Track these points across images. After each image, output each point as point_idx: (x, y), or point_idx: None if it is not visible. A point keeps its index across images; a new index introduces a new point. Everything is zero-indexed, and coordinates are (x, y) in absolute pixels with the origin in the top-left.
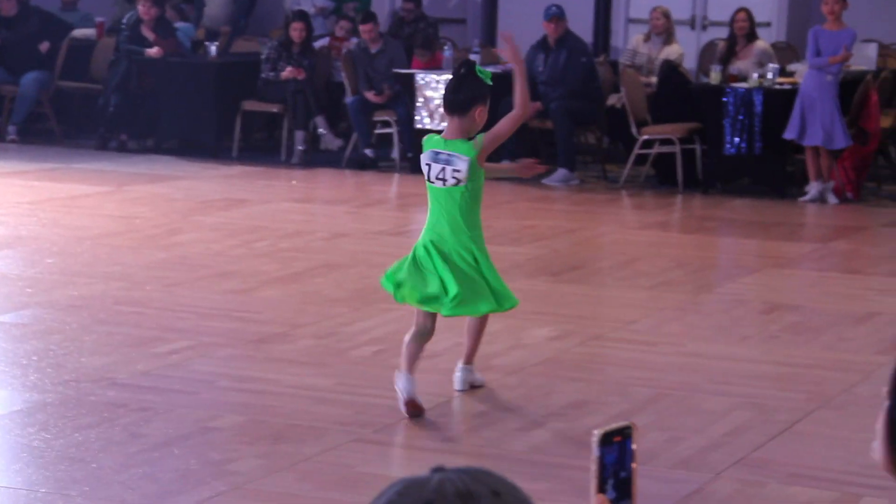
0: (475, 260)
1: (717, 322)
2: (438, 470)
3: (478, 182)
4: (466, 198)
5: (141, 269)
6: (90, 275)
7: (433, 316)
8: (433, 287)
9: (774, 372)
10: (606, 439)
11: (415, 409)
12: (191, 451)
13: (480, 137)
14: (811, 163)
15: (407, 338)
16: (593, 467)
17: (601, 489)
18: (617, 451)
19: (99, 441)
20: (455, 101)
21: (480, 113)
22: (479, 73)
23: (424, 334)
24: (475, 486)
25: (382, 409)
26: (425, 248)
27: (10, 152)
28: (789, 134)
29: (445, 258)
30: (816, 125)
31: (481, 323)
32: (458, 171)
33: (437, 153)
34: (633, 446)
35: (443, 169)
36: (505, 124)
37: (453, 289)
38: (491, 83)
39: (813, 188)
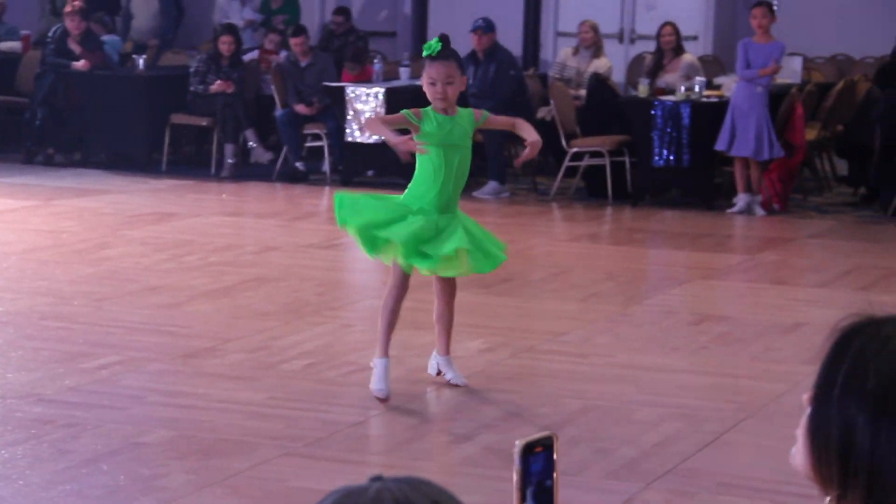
0: None
1: (647, 333)
2: (377, 479)
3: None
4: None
5: (68, 284)
6: (16, 290)
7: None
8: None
9: (704, 382)
10: (528, 450)
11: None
12: (119, 467)
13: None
14: (740, 174)
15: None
16: (515, 478)
17: (523, 500)
18: (539, 462)
19: (26, 458)
20: None
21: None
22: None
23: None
24: (414, 495)
25: (313, 423)
26: None
27: None
28: (720, 145)
29: None
30: (747, 136)
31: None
32: None
33: None
34: (555, 457)
35: None
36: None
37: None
38: (425, 55)
39: (741, 200)
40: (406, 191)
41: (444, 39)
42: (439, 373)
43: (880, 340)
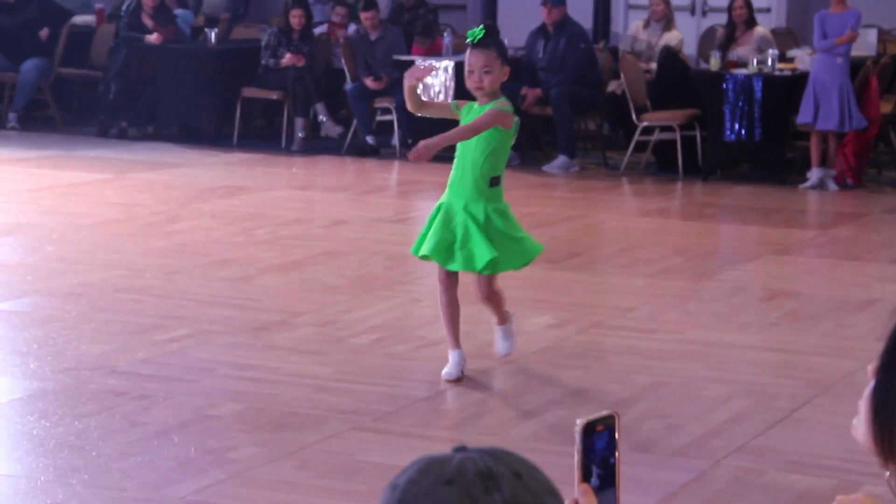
0: None
1: (716, 309)
2: (460, 449)
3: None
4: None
5: (141, 256)
6: (90, 262)
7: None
8: None
9: (774, 359)
10: (589, 428)
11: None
12: (190, 439)
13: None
14: (815, 148)
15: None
16: (577, 456)
17: (585, 478)
18: (602, 440)
19: (98, 429)
20: None
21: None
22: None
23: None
24: (496, 466)
25: (381, 398)
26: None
27: (11, 140)
28: (804, 118)
29: None
30: (831, 109)
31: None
32: None
33: None
34: (617, 436)
35: None
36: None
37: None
38: (468, 40)
39: (814, 174)
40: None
41: (488, 28)
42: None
43: None
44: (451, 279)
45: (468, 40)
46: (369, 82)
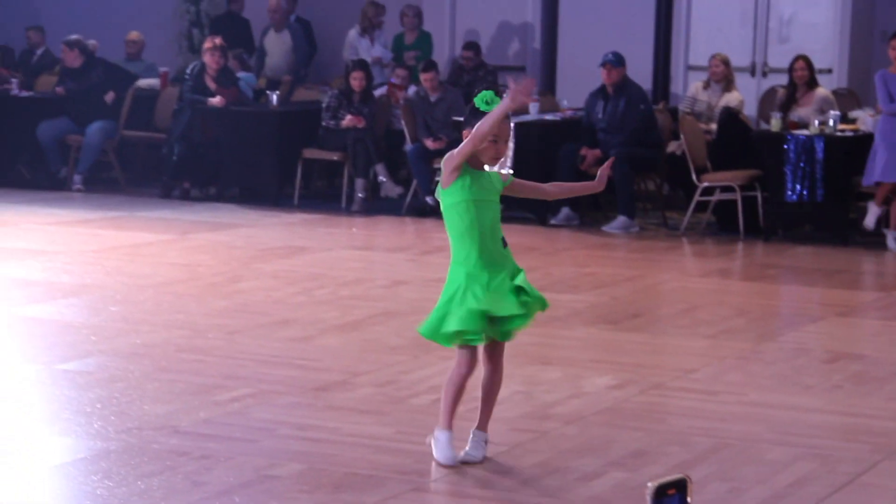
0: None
1: (779, 371)
2: None
3: (446, 203)
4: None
5: (203, 316)
6: (153, 322)
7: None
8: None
9: (838, 422)
10: (661, 492)
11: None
12: (251, 499)
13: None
14: (881, 193)
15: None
16: None
17: None
18: (675, 501)
19: (161, 489)
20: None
21: (466, 135)
22: (475, 100)
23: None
24: None
25: None
26: None
27: (76, 201)
28: (868, 179)
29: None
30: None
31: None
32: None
33: None
34: (689, 500)
35: None
36: (454, 159)
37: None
38: (485, 109)
39: (872, 211)
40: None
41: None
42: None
43: None
44: (475, 358)
45: (493, 108)
46: (429, 143)
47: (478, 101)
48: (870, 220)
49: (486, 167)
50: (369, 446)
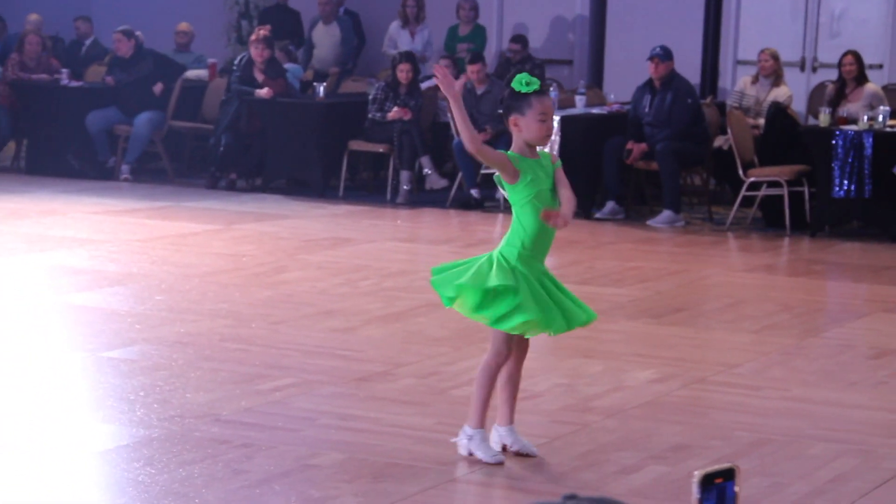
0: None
1: (823, 367)
2: (571, 497)
3: (512, 197)
4: (513, 213)
5: (247, 306)
6: (197, 312)
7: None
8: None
9: (882, 418)
10: (707, 481)
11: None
12: (291, 488)
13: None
14: None
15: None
16: None
17: None
18: (717, 494)
19: (202, 477)
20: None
21: (514, 122)
22: (512, 84)
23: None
24: None
25: None
26: None
27: (124, 191)
28: None
29: None
30: None
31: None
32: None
33: None
34: (736, 489)
35: None
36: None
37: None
38: (526, 90)
39: None
40: (517, 249)
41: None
42: (504, 448)
43: None
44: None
45: (532, 88)
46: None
47: (516, 84)
48: None
49: (538, 148)
50: (410, 437)
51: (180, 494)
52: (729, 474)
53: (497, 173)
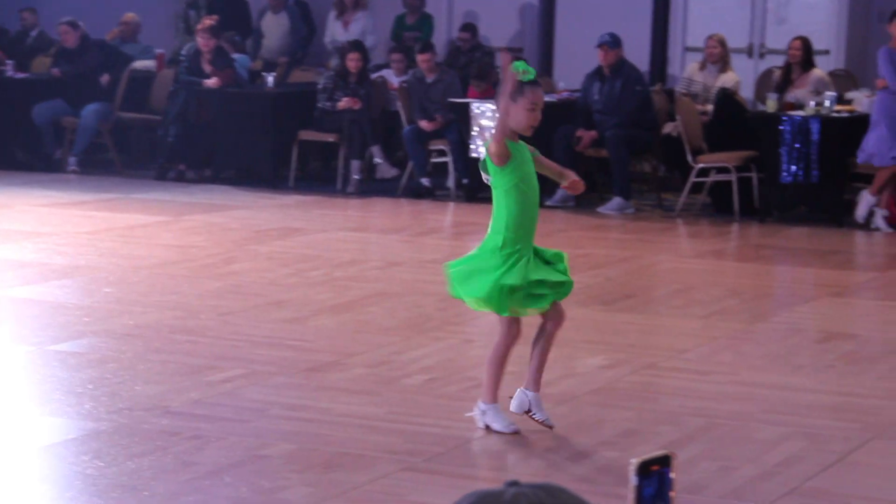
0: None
1: (771, 351)
2: (514, 484)
3: (497, 181)
4: (495, 197)
5: (196, 297)
6: (146, 304)
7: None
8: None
9: (829, 401)
10: (644, 468)
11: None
12: (242, 480)
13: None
14: (881, 179)
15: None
16: (630, 496)
17: None
18: (656, 481)
19: (151, 469)
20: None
21: (503, 108)
22: (513, 68)
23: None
24: (549, 500)
25: (433, 438)
26: None
27: (71, 183)
28: (862, 158)
29: None
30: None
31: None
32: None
33: None
34: (672, 475)
35: None
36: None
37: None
38: (522, 79)
39: (866, 200)
40: (503, 233)
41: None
42: (528, 411)
43: None
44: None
45: (529, 77)
46: (424, 124)
47: (520, 69)
48: (861, 212)
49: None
50: (360, 426)
51: (129, 487)
52: (665, 461)
53: (483, 159)
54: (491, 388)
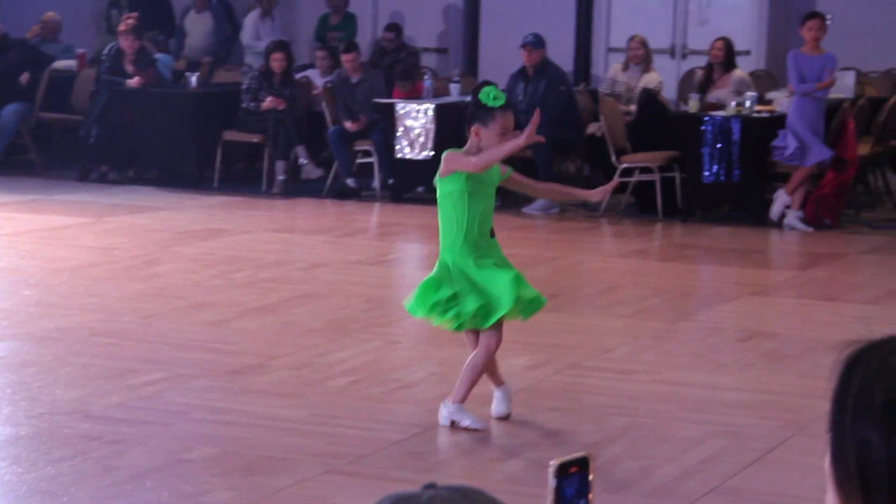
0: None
1: (693, 350)
2: (430, 486)
3: (442, 192)
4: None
5: (118, 300)
6: (67, 306)
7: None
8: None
9: (750, 399)
10: (563, 470)
11: None
12: (163, 484)
13: (444, 155)
14: (796, 179)
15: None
16: (550, 497)
17: None
18: (575, 482)
19: (71, 474)
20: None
21: (476, 131)
22: (479, 95)
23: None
24: (464, 503)
25: (356, 440)
26: None
27: None
28: (780, 157)
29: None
30: (807, 146)
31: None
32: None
33: None
34: (590, 477)
35: None
36: (460, 163)
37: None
38: (493, 104)
39: (782, 199)
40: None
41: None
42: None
43: (881, 359)
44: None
45: (499, 103)
46: (349, 125)
47: (483, 96)
48: (776, 210)
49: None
50: (283, 429)
51: (48, 493)
52: (584, 463)
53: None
54: (465, 391)
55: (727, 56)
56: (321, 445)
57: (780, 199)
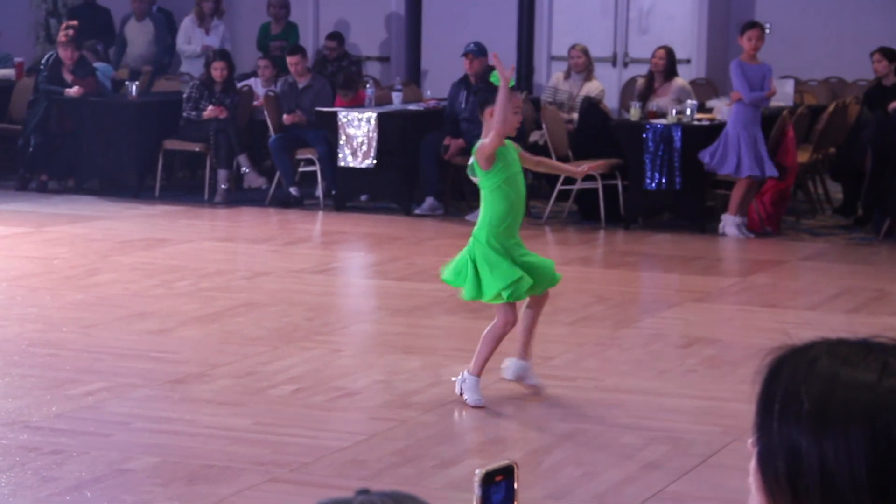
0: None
1: (636, 356)
2: (363, 492)
3: (484, 182)
4: (482, 196)
5: (58, 310)
6: (5, 317)
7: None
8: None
9: (691, 405)
10: (488, 479)
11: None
12: (103, 494)
13: (476, 146)
14: (738, 195)
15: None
16: None
17: None
18: (500, 491)
19: (10, 486)
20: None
21: (491, 112)
22: (490, 79)
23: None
24: None
25: (299, 448)
26: None
27: None
28: (727, 169)
29: None
30: (750, 157)
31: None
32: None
33: None
34: (515, 486)
35: None
36: (490, 145)
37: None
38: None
39: (731, 221)
40: (487, 228)
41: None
42: (520, 380)
43: (806, 364)
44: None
45: (510, 85)
46: (286, 117)
47: (494, 79)
48: (731, 231)
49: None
50: (226, 438)
51: None
52: (509, 472)
53: (470, 163)
54: (480, 363)
55: (668, 65)
56: (264, 454)
57: (727, 221)
